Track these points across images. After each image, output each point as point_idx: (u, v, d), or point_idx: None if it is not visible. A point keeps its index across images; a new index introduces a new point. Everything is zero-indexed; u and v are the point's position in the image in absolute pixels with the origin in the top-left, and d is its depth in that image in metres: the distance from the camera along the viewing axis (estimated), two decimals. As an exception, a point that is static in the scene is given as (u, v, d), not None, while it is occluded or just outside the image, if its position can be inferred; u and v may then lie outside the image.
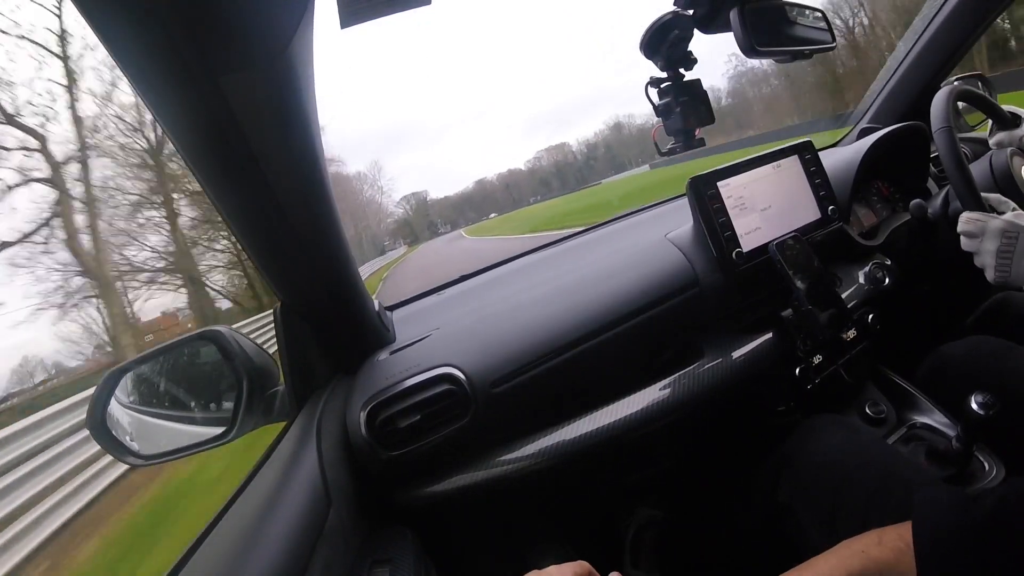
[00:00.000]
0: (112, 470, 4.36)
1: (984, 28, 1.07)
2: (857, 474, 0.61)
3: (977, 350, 0.81)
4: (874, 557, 0.45)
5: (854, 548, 0.48)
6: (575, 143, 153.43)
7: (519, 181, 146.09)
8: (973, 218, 0.70)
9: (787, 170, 0.88)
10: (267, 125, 0.44)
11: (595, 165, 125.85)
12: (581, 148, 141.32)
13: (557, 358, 0.73)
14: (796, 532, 0.65)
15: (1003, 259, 0.64)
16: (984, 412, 0.64)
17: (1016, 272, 0.64)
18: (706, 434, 0.93)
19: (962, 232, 0.71)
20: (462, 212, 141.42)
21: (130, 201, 14.33)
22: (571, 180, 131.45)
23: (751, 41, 0.63)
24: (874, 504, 0.57)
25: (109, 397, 0.63)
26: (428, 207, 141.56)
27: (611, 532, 1.06)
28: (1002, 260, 0.64)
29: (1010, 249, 0.64)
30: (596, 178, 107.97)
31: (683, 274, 0.82)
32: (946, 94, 0.81)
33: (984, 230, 0.67)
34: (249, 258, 0.60)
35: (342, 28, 0.42)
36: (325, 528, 0.51)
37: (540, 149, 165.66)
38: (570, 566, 0.46)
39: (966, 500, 0.44)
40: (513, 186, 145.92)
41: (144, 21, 0.31)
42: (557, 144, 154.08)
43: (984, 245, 0.67)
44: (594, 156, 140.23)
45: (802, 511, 0.64)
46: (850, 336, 0.86)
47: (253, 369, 0.66)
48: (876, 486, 0.58)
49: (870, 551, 0.46)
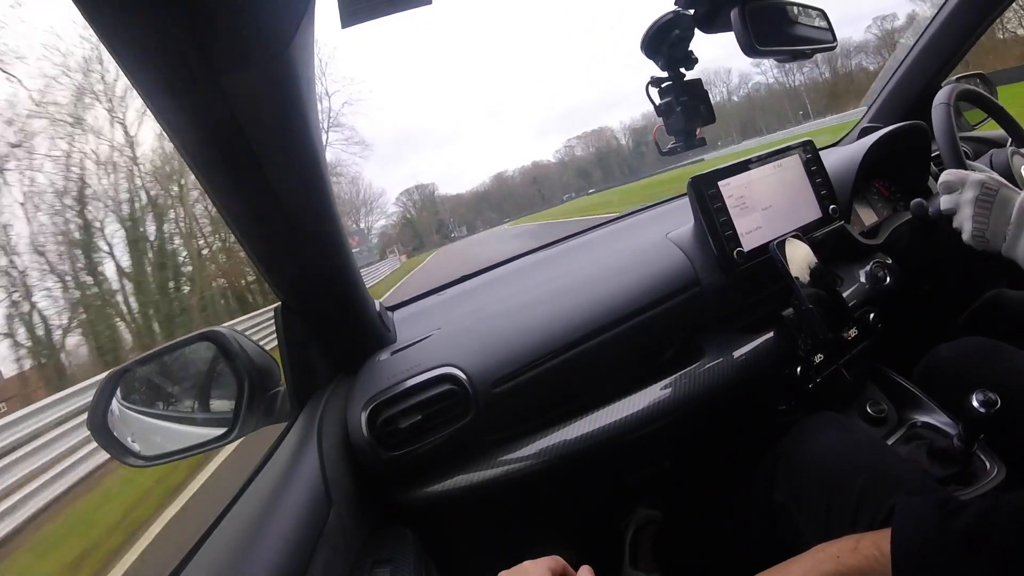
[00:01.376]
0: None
1: (985, 28, 1.07)
2: (849, 474, 0.60)
3: (972, 351, 0.81)
4: (848, 563, 0.45)
5: (829, 552, 0.47)
6: (618, 126, 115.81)
7: (548, 175, 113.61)
8: (953, 171, 0.69)
9: (788, 169, 0.88)
10: (267, 125, 0.44)
11: (645, 152, 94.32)
12: (625, 132, 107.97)
13: (558, 358, 0.73)
14: (793, 532, 0.65)
15: (980, 214, 0.63)
16: (985, 410, 0.64)
17: (993, 231, 0.62)
18: (707, 434, 0.93)
19: (942, 185, 0.70)
20: (480, 212, 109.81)
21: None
22: (616, 171, 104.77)
23: (752, 40, 0.63)
24: (865, 505, 0.57)
25: (110, 398, 0.63)
26: (437, 204, 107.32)
27: (610, 531, 1.06)
28: (979, 214, 0.63)
29: (988, 203, 0.63)
30: (648, 169, 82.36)
31: (684, 273, 0.82)
32: (947, 93, 0.81)
33: (964, 181, 0.67)
34: (249, 258, 0.60)
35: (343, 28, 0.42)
36: (326, 528, 0.51)
37: (572, 137, 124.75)
38: (543, 561, 0.46)
39: (946, 513, 0.43)
40: (541, 180, 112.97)
41: (145, 21, 0.31)
42: (594, 130, 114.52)
43: (963, 197, 0.66)
44: (643, 141, 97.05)
45: (797, 512, 0.64)
46: (851, 335, 0.86)
47: (254, 369, 0.66)
48: (867, 486, 0.58)
49: (845, 557, 0.46)
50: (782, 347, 0.81)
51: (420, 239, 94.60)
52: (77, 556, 3.45)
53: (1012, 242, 0.60)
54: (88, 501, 4.60)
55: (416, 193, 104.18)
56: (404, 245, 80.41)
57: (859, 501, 0.57)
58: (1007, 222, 0.61)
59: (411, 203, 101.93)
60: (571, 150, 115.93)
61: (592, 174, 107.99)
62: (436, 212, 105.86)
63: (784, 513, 0.66)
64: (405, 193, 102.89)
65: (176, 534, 3.33)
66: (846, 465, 0.62)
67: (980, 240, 0.64)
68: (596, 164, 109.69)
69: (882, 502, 0.56)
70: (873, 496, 0.57)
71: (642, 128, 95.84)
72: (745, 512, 0.75)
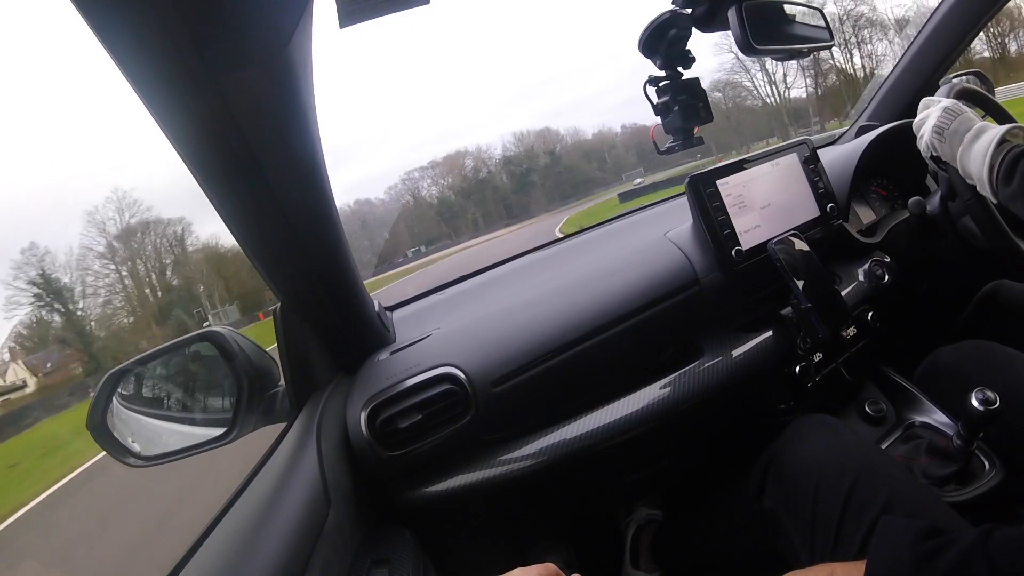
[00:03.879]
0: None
1: (982, 26, 1.07)
2: (834, 479, 0.60)
3: (972, 354, 0.81)
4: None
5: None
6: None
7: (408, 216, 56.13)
8: (929, 98, 0.78)
9: (786, 168, 0.88)
10: (266, 124, 0.44)
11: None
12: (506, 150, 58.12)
13: (557, 357, 0.73)
14: (782, 539, 0.64)
15: (943, 120, 0.71)
16: (984, 409, 0.64)
17: (951, 137, 0.69)
18: (706, 433, 0.93)
19: (920, 104, 0.78)
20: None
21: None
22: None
23: (749, 39, 0.63)
24: (849, 514, 0.57)
25: (110, 398, 0.64)
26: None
27: (611, 531, 1.06)
28: (942, 120, 0.71)
29: (953, 116, 0.70)
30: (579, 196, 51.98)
31: (683, 273, 0.82)
32: (945, 91, 0.81)
33: (930, 105, 0.76)
34: (249, 258, 0.60)
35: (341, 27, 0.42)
36: (325, 528, 0.51)
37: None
38: (533, 569, 0.45)
39: (924, 554, 0.42)
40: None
41: (142, 20, 0.31)
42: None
43: (933, 108, 0.74)
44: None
45: (785, 519, 0.64)
46: (850, 334, 0.86)
47: (253, 369, 0.66)
48: (853, 494, 0.58)
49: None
50: (781, 346, 0.81)
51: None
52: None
53: (965, 150, 0.67)
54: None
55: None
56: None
57: (844, 509, 0.57)
58: (965, 132, 0.68)
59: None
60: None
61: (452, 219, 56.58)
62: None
63: (773, 520, 0.66)
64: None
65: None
66: (832, 471, 0.61)
67: (939, 141, 0.71)
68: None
69: (866, 512, 0.55)
70: (857, 505, 0.57)
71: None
72: (736, 518, 0.74)
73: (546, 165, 59.10)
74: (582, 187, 57.05)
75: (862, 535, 0.54)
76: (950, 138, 0.69)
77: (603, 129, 63.91)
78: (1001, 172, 0.61)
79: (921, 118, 0.76)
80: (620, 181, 48.87)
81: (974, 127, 0.67)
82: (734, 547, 0.77)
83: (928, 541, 0.44)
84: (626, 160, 56.66)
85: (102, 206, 35.13)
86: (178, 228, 36.45)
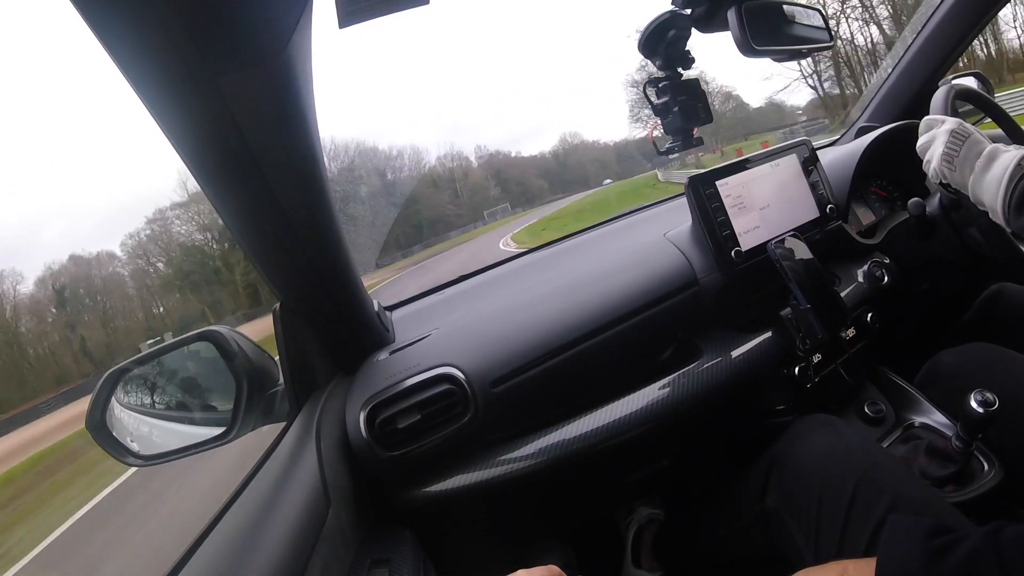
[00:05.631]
0: None
1: (981, 27, 1.07)
2: (839, 481, 0.60)
3: (974, 357, 0.81)
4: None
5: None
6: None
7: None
8: (931, 116, 0.73)
9: (785, 169, 0.88)
10: (266, 125, 0.44)
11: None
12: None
13: (557, 357, 0.73)
14: (785, 540, 0.64)
15: (952, 147, 0.66)
16: (983, 410, 0.64)
17: (961, 165, 0.66)
18: (706, 433, 0.93)
19: (923, 124, 0.74)
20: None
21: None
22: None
23: (749, 40, 0.63)
24: (854, 513, 0.57)
25: (109, 397, 0.63)
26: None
27: (612, 531, 1.06)
28: (951, 146, 0.66)
29: (961, 139, 0.66)
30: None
31: (682, 273, 0.82)
32: (945, 92, 0.81)
33: (944, 121, 0.70)
34: (248, 259, 0.60)
35: (340, 28, 0.42)
36: (324, 528, 0.51)
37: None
38: (538, 570, 0.45)
39: (936, 549, 0.42)
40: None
41: (142, 21, 0.31)
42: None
43: (939, 130, 0.70)
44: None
45: (788, 518, 0.64)
46: (849, 335, 0.86)
47: (252, 369, 0.66)
48: (857, 493, 0.58)
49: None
50: (780, 347, 0.81)
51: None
52: None
53: (977, 178, 0.63)
54: None
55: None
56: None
57: (848, 509, 0.57)
58: (975, 158, 0.64)
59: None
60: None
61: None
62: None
63: (776, 520, 0.66)
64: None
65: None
66: (836, 471, 0.61)
67: (948, 169, 0.67)
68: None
69: (871, 511, 0.55)
70: (862, 504, 0.57)
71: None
72: (739, 518, 0.75)
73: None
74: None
75: (868, 534, 0.54)
76: (960, 166, 0.65)
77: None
78: (1013, 202, 0.58)
79: (925, 141, 0.71)
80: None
81: (984, 152, 0.63)
82: (736, 547, 0.77)
83: (937, 538, 0.44)
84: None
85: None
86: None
